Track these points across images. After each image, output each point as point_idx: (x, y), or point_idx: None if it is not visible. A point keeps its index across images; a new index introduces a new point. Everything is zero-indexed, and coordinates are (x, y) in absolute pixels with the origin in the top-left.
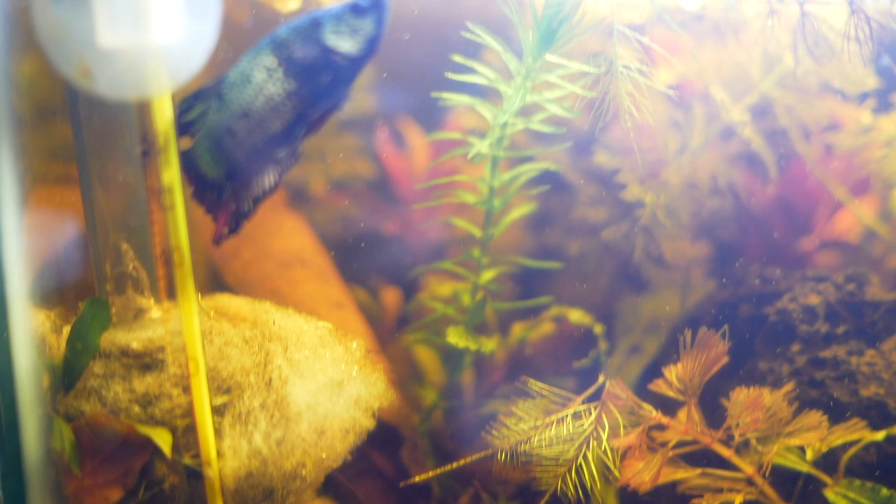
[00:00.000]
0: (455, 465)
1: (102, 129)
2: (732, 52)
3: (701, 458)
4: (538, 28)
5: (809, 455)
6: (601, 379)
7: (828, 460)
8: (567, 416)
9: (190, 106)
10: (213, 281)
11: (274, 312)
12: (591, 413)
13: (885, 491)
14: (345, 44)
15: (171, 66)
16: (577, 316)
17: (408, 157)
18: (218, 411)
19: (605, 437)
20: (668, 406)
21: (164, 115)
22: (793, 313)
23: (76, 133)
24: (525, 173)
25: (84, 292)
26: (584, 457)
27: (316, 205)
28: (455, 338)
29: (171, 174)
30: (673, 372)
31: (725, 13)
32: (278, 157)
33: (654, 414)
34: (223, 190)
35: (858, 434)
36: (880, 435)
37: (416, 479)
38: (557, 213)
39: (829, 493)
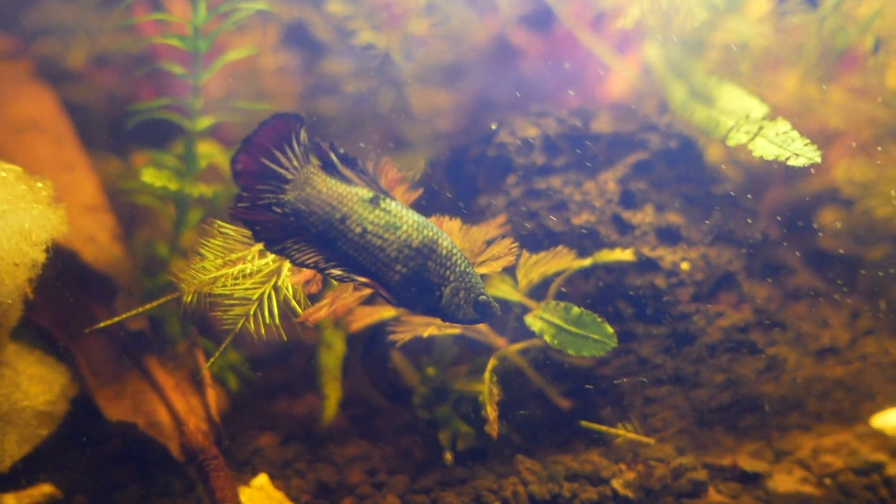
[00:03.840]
0: (140, 310)
1: None
2: None
3: None
4: None
5: (523, 284)
6: None
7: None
8: (251, 254)
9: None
10: None
11: None
12: None
13: (575, 309)
14: (457, 308)
15: None
16: None
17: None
18: None
19: (285, 273)
20: None
21: None
22: (510, 146)
23: None
24: (234, 13)
25: None
26: (266, 295)
27: (73, 79)
28: (150, 177)
29: None
30: None
31: None
32: (323, 265)
33: None
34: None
35: (567, 262)
36: (587, 261)
37: (103, 324)
38: (305, 66)
39: (528, 318)
